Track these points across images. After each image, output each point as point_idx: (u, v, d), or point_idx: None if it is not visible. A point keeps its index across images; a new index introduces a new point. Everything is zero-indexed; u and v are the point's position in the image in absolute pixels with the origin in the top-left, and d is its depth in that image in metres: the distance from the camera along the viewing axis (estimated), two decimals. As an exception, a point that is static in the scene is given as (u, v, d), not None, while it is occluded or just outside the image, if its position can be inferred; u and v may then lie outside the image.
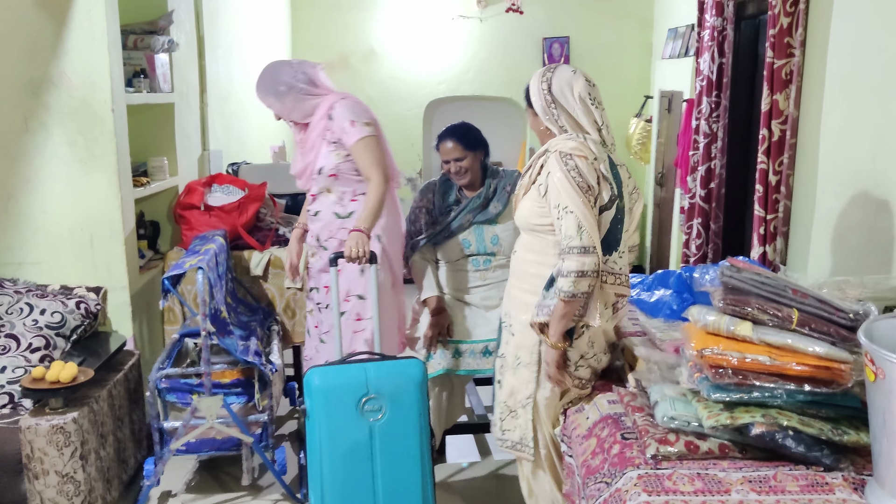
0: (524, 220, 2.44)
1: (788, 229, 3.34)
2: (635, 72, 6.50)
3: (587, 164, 2.25)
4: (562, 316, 2.24)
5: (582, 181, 2.22)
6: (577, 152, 2.25)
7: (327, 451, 2.46)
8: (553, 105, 2.35)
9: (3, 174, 3.20)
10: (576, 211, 2.20)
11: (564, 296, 2.20)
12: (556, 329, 2.27)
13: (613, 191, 2.29)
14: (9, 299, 3.05)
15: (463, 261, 3.30)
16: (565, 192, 2.22)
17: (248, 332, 3.25)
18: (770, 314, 1.85)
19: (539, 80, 2.39)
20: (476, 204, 3.26)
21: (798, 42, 3.17)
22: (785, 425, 1.80)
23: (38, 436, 2.60)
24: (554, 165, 2.26)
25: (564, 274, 2.20)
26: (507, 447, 2.58)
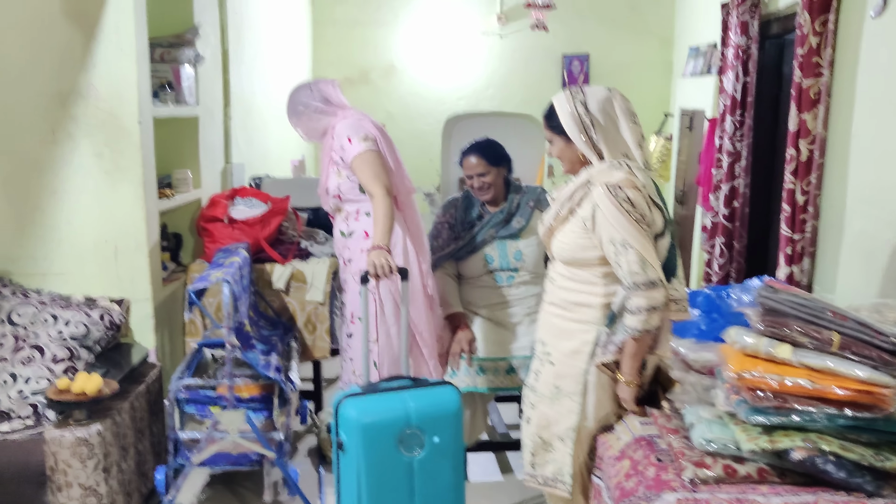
0: (566, 254, 2.33)
1: (816, 250, 3.31)
2: (655, 89, 6.49)
3: (638, 193, 2.16)
4: (635, 354, 2.19)
5: (636, 212, 2.14)
6: (627, 183, 2.16)
7: (366, 490, 2.40)
8: (593, 128, 2.21)
9: (30, 185, 3.21)
10: (636, 245, 2.12)
11: (637, 334, 2.15)
12: (631, 367, 2.21)
13: (665, 215, 2.23)
14: (33, 310, 3.05)
15: (486, 276, 3.27)
16: (620, 227, 2.13)
17: (270, 347, 3.24)
18: (810, 337, 1.83)
19: (571, 103, 2.24)
20: (499, 219, 3.24)
21: (827, 62, 3.16)
22: (826, 450, 1.77)
23: (62, 448, 2.58)
24: (604, 199, 2.16)
25: (634, 311, 2.14)
26: (538, 484, 2.46)
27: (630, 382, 2.23)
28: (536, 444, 2.43)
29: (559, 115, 2.27)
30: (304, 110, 3.17)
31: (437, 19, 6.51)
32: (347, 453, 2.42)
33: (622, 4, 6.45)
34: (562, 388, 2.35)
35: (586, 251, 2.26)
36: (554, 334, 2.40)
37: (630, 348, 2.19)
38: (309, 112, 3.17)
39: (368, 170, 2.98)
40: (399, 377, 2.65)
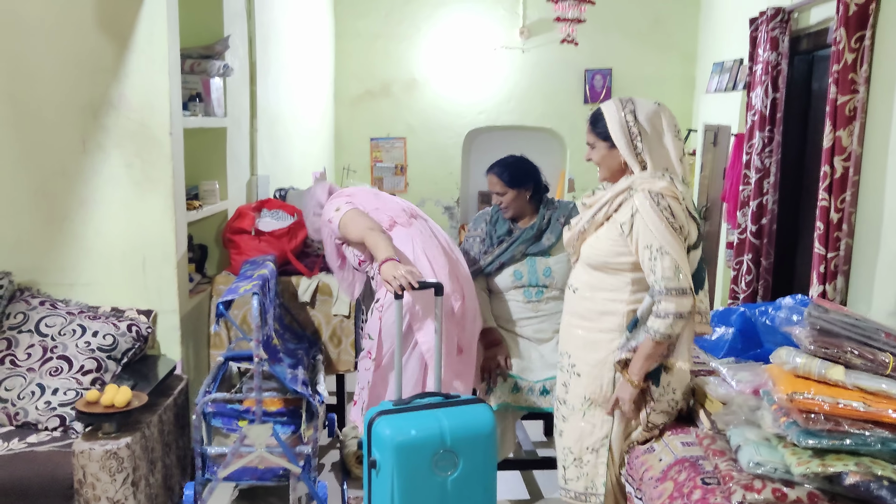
0: (598, 258, 2.37)
1: (849, 268, 3.26)
2: (677, 105, 6.46)
3: (678, 204, 2.22)
4: (649, 356, 2.23)
5: (675, 221, 2.20)
6: (669, 192, 2.22)
7: None
8: (640, 137, 2.27)
9: (60, 194, 3.21)
10: (672, 252, 2.17)
11: (660, 337, 2.19)
12: (641, 368, 2.25)
13: (700, 229, 2.28)
14: (62, 320, 3.04)
15: (514, 291, 3.24)
16: (659, 233, 2.18)
17: (296, 361, 3.21)
18: (864, 358, 1.79)
19: (621, 112, 2.30)
20: (529, 235, 3.22)
21: (863, 78, 3.12)
22: (880, 475, 1.72)
23: (91, 461, 2.56)
24: (645, 206, 2.21)
25: (662, 315, 2.18)
26: (570, 498, 2.48)
27: (633, 383, 2.26)
28: (568, 458, 2.47)
29: (607, 121, 2.32)
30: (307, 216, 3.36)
31: (459, 33, 6.52)
32: (381, 472, 2.38)
33: (646, 19, 6.44)
34: (593, 399, 2.39)
35: (620, 256, 2.30)
36: (579, 346, 2.43)
37: (645, 350, 2.23)
38: (310, 217, 3.33)
39: (354, 226, 3.01)
40: (431, 394, 2.61)
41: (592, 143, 2.42)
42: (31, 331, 2.98)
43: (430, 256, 2.97)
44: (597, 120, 2.38)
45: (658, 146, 2.28)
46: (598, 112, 2.38)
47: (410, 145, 6.67)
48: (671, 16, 6.42)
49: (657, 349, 2.21)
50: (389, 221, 3.05)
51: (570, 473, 2.46)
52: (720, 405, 2.13)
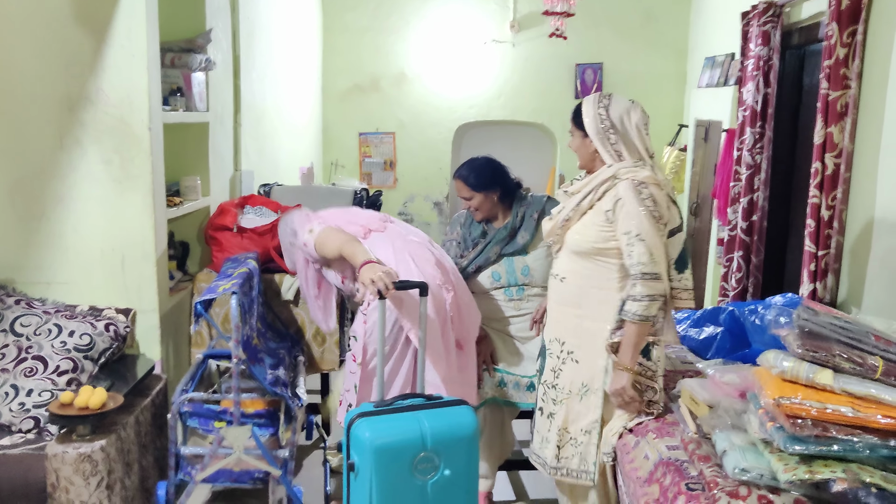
0: (586, 245, 2.46)
1: (840, 266, 3.22)
2: (669, 100, 6.42)
3: (661, 192, 2.34)
4: (635, 342, 2.33)
5: (655, 210, 2.32)
6: (652, 181, 2.34)
7: None
8: (611, 130, 2.44)
9: (37, 191, 3.14)
10: (647, 239, 2.28)
11: (638, 319, 2.30)
12: (631, 353, 2.34)
13: (678, 217, 2.41)
14: (37, 320, 2.97)
15: (495, 291, 3.19)
16: (638, 220, 2.30)
17: (277, 361, 3.15)
18: (852, 362, 1.74)
19: (595, 105, 2.48)
20: (502, 236, 3.15)
21: (855, 74, 3.07)
22: (868, 482, 1.68)
23: (64, 464, 2.50)
24: (629, 193, 2.33)
25: (638, 298, 2.30)
26: (562, 475, 2.59)
27: (627, 369, 2.34)
28: (563, 438, 2.57)
29: (583, 113, 2.52)
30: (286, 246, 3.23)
31: (448, 27, 6.45)
32: (359, 475, 2.33)
33: (637, 14, 6.38)
34: (589, 385, 2.50)
35: (608, 242, 2.42)
36: (578, 335, 2.53)
37: (630, 335, 2.34)
38: (287, 248, 3.22)
39: (330, 241, 2.94)
40: (413, 395, 2.55)
41: (572, 131, 2.62)
42: (5, 330, 2.91)
43: (411, 252, 2.91)
44: (577, 111, 2.56)
45: (627, 141, 2.44)
46: (580, 104, 2.58)
47: (399, 140, 6.61)
48: (663, 10, 6.37)
49: (641, 332, 2.31)
50: (364, 230, 2.99)
51: (565, 452, 2.56)
52: (706, 408, 2.08)
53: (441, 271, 2.92)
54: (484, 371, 3.05)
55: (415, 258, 2.89)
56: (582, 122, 2.52)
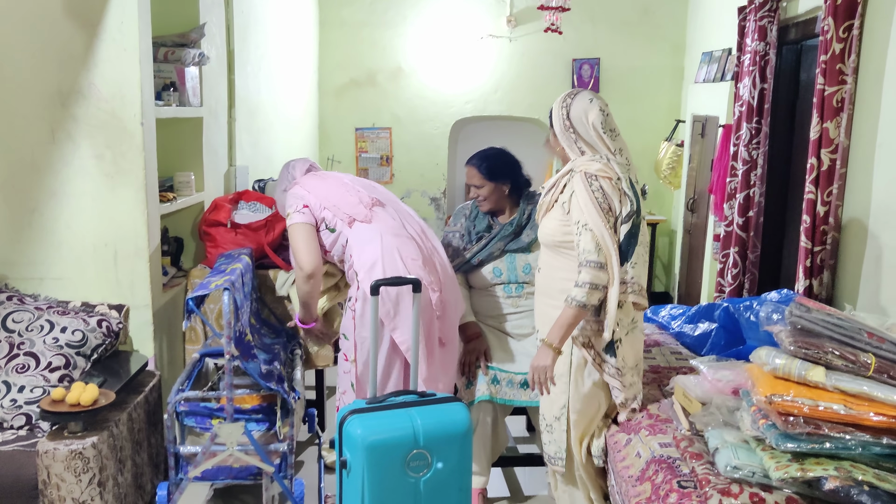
0: (549, 238, 2.58)
1: (836, 263, 3.21)
2: (666, 95, 6.40)
3: (611, 184, 2.41)
4: (569, 323, 2.39)
5: (604, 202, 2.39)
6: (602, 174, 2.42)
7: None
8: (571, 129, 2.52)
9: (28, 186, 3.12)
10: (595, 229, 2.37)
11: (575, 304, 2.36)
12: (560, 335, 2.40)
13: (632, 207, 2.43)
14: (29, 316, 2.96)
15: (494, 287, 3.18)
16: (587, 211, 2.39)
17: (272, 356, 3.14)
18: (845, 359, 1.73)
19: (560, 105, 2.57)
20: (508, 231, 3.15)
21: (851, 68, 3.05)
22: (860, 479, 1.67)
23: (55, 461, 2.49)
24: (579, 185, 2.43)
25: (580, 284, 2.37)
26: (546, 460, 2.72)
27: (552, 347, 2.41)
28: (545, 425, 2.70)
29: (553, 113, 2.61)
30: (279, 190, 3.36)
31: (445, 21, 6.42)
32: (351, 473, 2.32)
33: (634, 9, 6.36)
34: (556, 371, 2.53)
35: (567, 235, 2.51)
36: (543, 321, 2.60)
37: (564, 316, 2.39)
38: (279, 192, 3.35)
39: (294, 242, 3.06)
40: (406, 391, 2.54)
41: (550, 133, 2.70)
42: (-3, 327, 2.90)
43: (400, 250, 2.90)
44: (551, 110, 2.65)
45: (589, 138, 2.52)
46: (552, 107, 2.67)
47: (396, 135, 6.59)
48: (660, 5, 6.34)
49: (576, 317, 2.37)
50: (348, 219, 2.99)
51: (545, 438, 2.70)
52: (699, 405, 2.07)
53: (428, 271, 2.90)
54: (477, 369, 3.04)
55: (404, 258, 2.88)
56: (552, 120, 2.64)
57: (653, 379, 2.66)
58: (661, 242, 6.54)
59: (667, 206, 6.56)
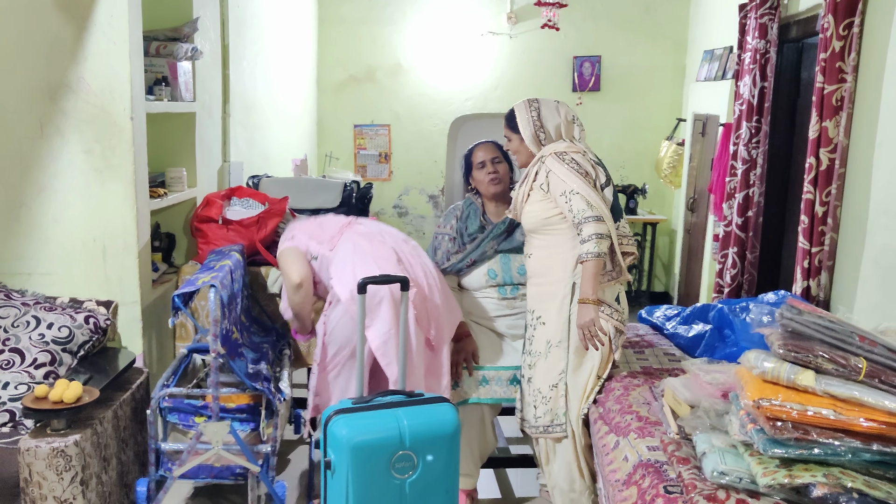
0: (535, 221, 2.75)
1: (834, 264, 3.16)
2: (667, 94, 6.35)
3: (580, 156, 2.67)
4: (593, 275, 2.57)
5: (580, 168, 2.63)
6: (571, 149, 2.68)
7: None
8: (541, 130, 2.75)
9: (16, 181, 3.09)
10: (581, 192, 2.59)
11: (592, 256, 2.55)
12: (592, 287, 2.57)
13: (606, 173, 2.71)
14: (15, 311, 2.93)
15: (488, 289, 3.14)
16: (569, 179, 2.60)
17: (260, 356, 3.10)
18: (835, 363, 1.68)
19: (527, 110, 2.79)
20: (500, 230, 3.09)
21: (851, 67, 3.01)
22: (849, 487, 1.62)
23: (36, 459, 2.45)
24: (554, 163, 2.66)
25: (587, 238, 2.56)
26: (538, 434, 2.78)
27: (590, 300, 2.58)
28: (537, 398, 2.78)
29: (517, 118, 2.81)
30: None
31: (445, 18, 6.38)
32: (336, 474, 2.28)
33: (636, 6, 6.31)
34: (552, 340, 2.73)
35: (548, 212, 2.71)
36: (540, 300, 2.79)
37: (588, 272, 2.58)
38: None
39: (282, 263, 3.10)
40: (393, 391, 2.50)
41: (509, 136, 2.88)
42: (-18, 322, 2.87)
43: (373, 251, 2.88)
44: (511, 117, 2.84)
45: (557, 136, 2.76)
46: (512, 110, 2.85)
47: (395, 133, 6.55)
48: (662, 2, 6.29)
49: (596, 268, 2.57)
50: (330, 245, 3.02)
51: (539, 412, 2.77)
52: (688, 408, 2.02)
53: (402, 269, 2.85)
54: (463, 370, 3.00)
55: (375, 256, 2.85)
56: (516, 126, 2.81)
57: (645, 380, 2.62)
58: (661, 242, 6.49)
59: (667, 206, 6.51)
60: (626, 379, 2.67)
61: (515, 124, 2.81)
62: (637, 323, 3.48)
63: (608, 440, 2.27)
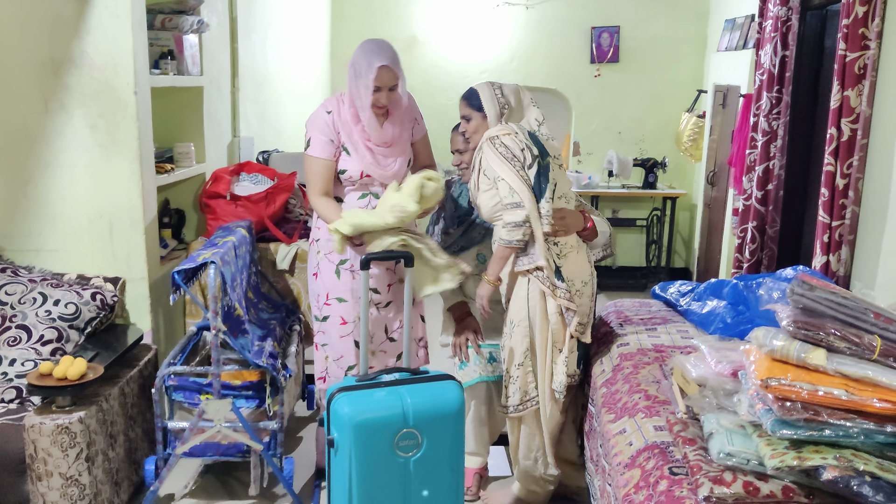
0: (490, 211, 2.76)
1: (855, 238, 3.06)
2: (688, 65, 6.19)
3: (511, 138, 2.69)
4: (499, 259, 2.71)
5: (508, 153, 2.67)
6: (502, 132, 2.70)
7: (357, 491, 2.23)
8: (506, 107, 2.78)
9: (23, 157, 3.08)
10: (506, 178, 2.65)
11: (503, 242, 2.67)
12: (494, 268, 2.73)
13: (533, 153, 2.71)
14: (22, 288, 2.92)
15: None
16: (497, 166, 2.67)
17: (267, 332, 3.07)
18: (848, 341, 1.61)
19: (491, 90, 2.80)
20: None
21: (874, 33, 2.88)
22: (861, 469, 1.56)
23: (41, 435, 2.45)
24: (487, 150, 2.70)
25: (503, 225, 2.66)
26: (511, 414, 2.81)
27: (489, 280, 2.73)
28: (507, 378, 2.81)
29: (482, 95, 2.79)
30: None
31: (460, -11, 6.25)
32: (339, 452, 2.25)
33: (656, -26, 6.14)
34: (514, 320, 2.76)
35: (494, 198, 2.72)
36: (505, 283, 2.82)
37: (496, 254, 2.72)
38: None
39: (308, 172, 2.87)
40: (398, 369, 2.46)
41: (468, 115, 2.83)
42: (-11, 299, 2.87)
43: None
44: (472, 96, 2.81)
45: (518, 114, 2.81)
46: (472, 90, 2.83)
47: (410, 107, 6.45)
48: (683, -30, 6.11)
49: (504, 253, 2.69)
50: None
51: (509, 391, 2.80)
52: (696, 387, 1.96)
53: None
54: (469, 349, 2.95)
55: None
56: (478, 103, 2.78)
57: (655, 358, 2.55)
58: (681, 217, 6.38)
59: (688, 180, 6.38)
60: (636, 356, 2.61)
61: (479, 102, 2.78)
62: (650, 299, 3.41)
63: (611, 428, 2.21)
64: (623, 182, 6.24)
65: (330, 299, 2.87)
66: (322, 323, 2.91)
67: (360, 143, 2.82)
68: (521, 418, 2.83)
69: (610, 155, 6.03)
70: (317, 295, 2.91)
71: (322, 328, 2.92)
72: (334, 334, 2.88)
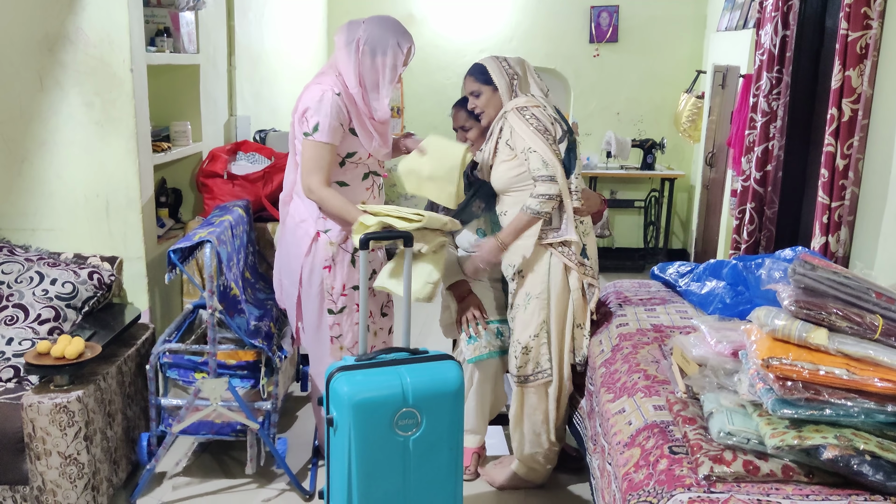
0: (505, 181, 2.76)
1: (854, 219, 3.06)
2: (687, 45, 6.16)
3: (540, 111, 2.71)
4: (521, 227, 2.71)
5: (539, 125, 2.68)
6: (531, 103, 2.72)
7: (356, 469, 2.22)
8: (515, 78, 2.77)
9: (18, 135, 3.05)
10: (538, 150, 2.65)
11: (531, 213, 2.68)
12: (511, 234, 2.73)
13: (563, 127, 2.75)
14: (18, 267, 2.91)
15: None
16: (528, 137, 2.66)
17: (263, 312, 3.07)
18: (850, 321, 1.61)
19: (498, 63, 2.80)
20: (489, 189, 3.00)
21: (877, 12, 2.86)
22: (861, 449, 1.56)
23: (39, 414, 2.45)
24: (515, 120, 2.69)
25: (535, 196, 2.66)
26: (521, 384, 2.84)
27: (501, 244, 2.75)
28: (518, 349, 2.82)
29: (490, 69, 2.79)
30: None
31: (459, -33, 6.20)
32: (338, 431, 2.25)
33: (656, -48, 6.09)
34: (531, 292, 2.77)
35: (516, 170, 2.73)
36: (517, 253, 2.79)
37: (517, 221, 2.72)
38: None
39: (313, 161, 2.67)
40: (397, 349, 2.46)
41: (477, 90, 2.82)
42: (-15, 278, 2.86)
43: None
44: (479, 70, 2.82)
45: (525, 85, 2.81)
46: (478, 65, 2.83)
47: (407, 86, 6.42)
48: (683, -51, 6.06)
49: (527, 223, 2.69)
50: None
51: (520, 362, 2.82)
52: (696, 367, 1.96)
53: None
54: (478, 325, 2.95)
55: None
56: (490, 79, 2.77)
57: (654, 338, 2.55)
58: (679, 198, 6.37)
59: (686, 161, 6.37)
60: (635, 337, 2.61)
61: (488, 77, 2.78)
62: (649, 280, 3.40)
63: (609, 407, 2.21)
64: (621, 163, 6.22)
65: (346, 290, 2.80)
66: (338, 315, 2.82)
67: (367, 123, 2.77)
68: (524, 391, 2.85)
69: (608, 136, 6.01)
70: (331, 287, 2.79)
71: (337, 320, 2.82)
72: (348, 323, 2.83)
